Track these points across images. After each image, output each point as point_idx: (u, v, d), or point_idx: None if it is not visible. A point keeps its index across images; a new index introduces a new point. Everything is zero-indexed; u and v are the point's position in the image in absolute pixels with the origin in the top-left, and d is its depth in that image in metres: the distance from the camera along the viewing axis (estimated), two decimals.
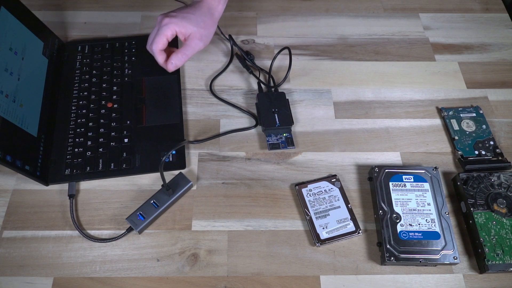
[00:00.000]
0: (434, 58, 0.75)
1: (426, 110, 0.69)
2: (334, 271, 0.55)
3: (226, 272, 0.55)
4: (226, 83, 0.72)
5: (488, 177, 0.59)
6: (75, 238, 0.57)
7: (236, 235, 0.57)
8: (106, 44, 0.74)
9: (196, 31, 0.61)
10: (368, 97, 0.70)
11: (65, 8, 0.81)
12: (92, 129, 0.65)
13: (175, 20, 0.59)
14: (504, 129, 0.67)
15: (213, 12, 0.63)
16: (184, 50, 0.62)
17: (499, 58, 0.76)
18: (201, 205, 0.60)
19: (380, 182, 0.59)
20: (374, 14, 0.82)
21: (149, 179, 0.62)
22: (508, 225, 0.55)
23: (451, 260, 0.53)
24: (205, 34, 0.62)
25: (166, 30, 0.59)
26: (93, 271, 0.54)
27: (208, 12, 0.62)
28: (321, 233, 0.56)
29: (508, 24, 0.81)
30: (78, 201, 0.60)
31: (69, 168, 0.61)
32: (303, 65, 0.74)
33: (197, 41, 0.61)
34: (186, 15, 0.60)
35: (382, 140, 0.66)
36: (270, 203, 0.60)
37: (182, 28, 0.60)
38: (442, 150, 0.65)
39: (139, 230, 0.56)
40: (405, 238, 0.55)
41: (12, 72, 0.59)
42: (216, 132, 0.66)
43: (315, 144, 0.65)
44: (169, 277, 0.54)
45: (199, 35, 0.61)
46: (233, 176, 0.62)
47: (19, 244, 0.56)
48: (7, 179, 0.61)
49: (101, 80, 0.70)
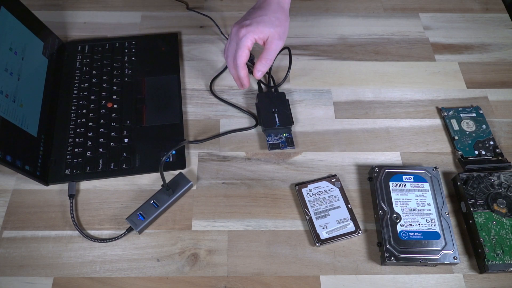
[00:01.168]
0: (434, 58, 0.75)
1: (426, 110, 0.69)
2: (334, 271, 0.55)
3: (226, 272, 0.55)
4: (226, 83, 0.72)
5: (488, 177, 0.59)
6: (75, 238, 0.57)
7: (236, 235, 0.57)
8: (106, 44, 0.74)
9: (273, 32, 0.59)
10: (368, 97, 0.70)
11: (65, 8, 0.81)
12: (92, 129, 0.65)
13: (251, 29, 0.58)
14: (504, 129, 0.67)
15: (283, 5, 0.61)
16: (266, 55, 0.60)
17: (499, 58, 0.76)
18: (201, 205, 0.60)
19: (380, 182, 0.59)
20: (374, 14, 0.82)
21: (149, 179, 0.62)
22: (508, 225, 0.55)
23: (451, 260, 0.53)
24: (282, 31, 0.60)
25: (246, 42, 0.58)
26: (93, 271, 0.54)
27: (278, 7, 0.60)
28: (321, 233, 0.56)
29: (508, 24, 0.81)
30: (78, 201, 0.60)
31: (69, 168, 0.61)
32: (303, 65, 0.74)
33: (276, 41, 0.60)
34: (260, 18, 0.58)
35: (382, 140, 0.66)
36: (270, 203, 0.60)
37: (260, 34, 0.58)
38: (442, 150, 0.65)
39: (139, 230, 0.56)
40: (405, 238, 0.55)
41: (12, 72, 0.59)
42: (216, 132, 0.66)
43: (315, 144, 0.65)
44: (169, 277, 0.54)
45: (277, 36, 0.59)
46: (233, 176, 0.62)
47: (19, 244, 0.56)
48: (7, 179, 0.61)
49: (101, 80, 0.70)
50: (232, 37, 0.60)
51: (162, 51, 0.74)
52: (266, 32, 0.59)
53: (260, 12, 0.60)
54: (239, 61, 0.59)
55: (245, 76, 0.62)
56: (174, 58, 0.73)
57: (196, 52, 0.75)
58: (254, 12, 0.60)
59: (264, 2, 0.61)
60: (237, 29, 0.59)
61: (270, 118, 0.65)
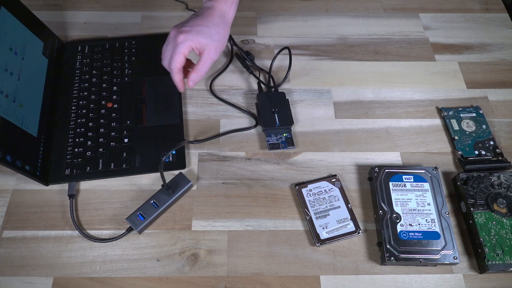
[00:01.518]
0: (434, 58, 0.75)
1: (426, 110, 0.69)
2: (334, 271, 0.55)
3: (226, 272, 0.55)
4: (226, 83, 0.72)
5: (488, 177, 0.59)
6: (75, 238, 0.57)
7: (236, 235, 0.57)
8: (106, 44, 0.74)
9: (210, 44, 0.59)
10: (368, 97, 0.70)
11: (65, 8, 0.81)
12: (92, 129, 0.65)
13: (190, 37, 0.58)
14: (504, 129, 0.67)
15: (226, 19, 0.62)
16: (201, 67, 0.61)
17: (499, 58, 0.76)
18: (201, 205, 0.60)
19: (380, 182, 0.59)
20: (374, 14, 0.82)
21: (149, 179, 0.62)
22: (508, 225, 0.55)
23: (451, 260, 0.53)
24: (220, 46, 0.61)
25: (182, 48, 0.58)
26: (93, 271, 0.54)
27: (220, 20, 0.61)
28: (321, 233, 0.56)
29: (508, 24, 0.81)
30: (78, 201, 0.60)
31: (69, 168, 0.61)
32: (303, 65, 0.74)
33: (212, 55, 0.60)
34: (200, 28, 0.59)
35: (382, 140, 0.66)
36: (270, 203, 0.60)
37: (197, 44, 0.58)
38: (442, 150, 0.65)
39: (139, 230, 0.56)
40: (405, 238, 0.55)
41: (12, 72, 0.59)
42: (216, 132, 0.66)
43: (315, 144, 0.65)
44: (169, 277, 0.54)
45: (213, 49, 0.60)
46: (233, 176, 0.62)
47: (19, 244, 0.56)
48: (7, 179, 0.61)
49: (101, 80, 0.70)
50: (169, 40, 0.60)
51: None
52: (203, 43, 0.59)
53: (202, 21, 0.59)
54: (173, 65, 0.59)
55: (179, 81, 0.62)
56: None
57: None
58: (196, 20, 0.60)
59: (207, 12, 0.61)
60: (175, 34, 0.59)
61: (270, 118, 0.65)
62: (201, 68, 0.61)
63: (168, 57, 0.60)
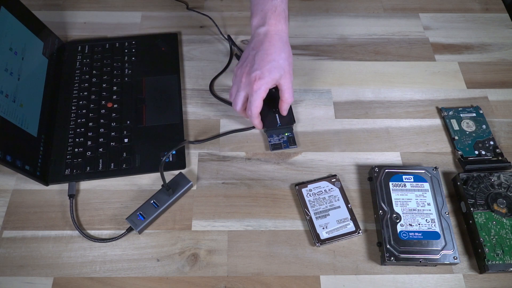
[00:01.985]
0: (434, 58, 0.75)
1: (426, 110, 0.69)
2: (334, 271, 0.55)
3: (226, 272, 0.55)
4: (226, 83, 0.72)
5: (488, 177, 0.59)
6: (75, 238, 0.57)
7: (236, 235, 0.57)
8: (106, 44, 0.74)
9: (283, 74, 0.58)
10: (368, 97, 0.70)
11: (65, 8, 0.81)
12: (92, 129, 0.65)
13: (264, 81, 0.57)
14: (504, 129, 0.67)
15: (284, 38, 0.59)
16: (287, 96, 0.61)
17: (499, 58, 0.76)
18: (201, 205, 0.60)
19: (380, 182, 0.59)
20: (374, 14, 0.82)
21: (149, 179, 0.62)
22: (508, 225, 0.55)
23: (451, 260, 0.53)
24: (291, 67, 0.60)
25: (261, 95, 0.58)
26: (93, 271, 0.54)
27: (281, 44, 0.58)
28: (321, 233, 0.56)
29: (508, 24, 0.81)
30: (78, 201, 0.60)
31: (69, 168, 0.61)
32: (303, 65, 0.74)
33: (289, 82, 0.59)
34: (269, 66, 0.57)
35: (382, 140, 0.66)
36: (270, 203, 0.60)
37: (273, 82, 0.58)
38: (442, 150, 0.65)
39: (139, 230, 0.56)
40: (405, 238, 0.55)
41: (12, 72, 0.59)
42: (216, 132, 0.66)
43: (315, 144, 0.65)
44: (169, 277, 0.54)
45: (288, 75, 0.59)
46: (233, 176, 0.62)
47: (19, 244, 0.56)
48: (7, 179, 0.61)
49: (101, 80, 0.70)
50: (241, 86, 0.59)
51: (162, 51, 0.74)
52: (278, 78, 0.58)
53: (266, 56, 0.57)
54: (254, 111, 0.59)
55: (259, 123, 0.63)
56: (174, 58, 0.73)
57: (196, 52, 0.75)
58: (261, 56, 0.57)
59: (266, 40, 0.58)
60: (247, 81, 0.58)
61: (271, 119, 0.65)
62: (288, 97, 0.61)
63: (241, 102, 0.60)
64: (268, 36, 0.58)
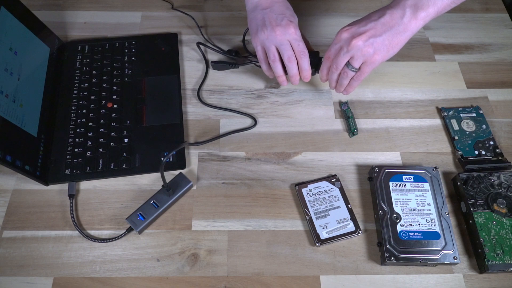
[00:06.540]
0: (434, 58, 0.75)
1: (426, 110, 0.69)
2: (334, 271, 0.55)
3: (226, 272, 0.55)
4: (226, 83, 0.72)
5: (488, 177, 0.59)
6: (75, 238, 0.57)
7: (236, 235, 0.57)
8: (106, 44, 0.74)
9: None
10: (368, 97, 0.70)
11: (65, 8, 0.81)
12: (92, 129, 0.65)
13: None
14: (504, 129, 0.67)
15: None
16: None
17: (499, 58, 0.76)
18: (201, 205, 0.60)
19: (380, 182, 0.59)
20: None
21: (149, 179, 0.62)
22: (508, 225, 0.55)
23: (451, 260, 0.53)
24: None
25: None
26: (93, 271, 0.54)
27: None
28: (321, 233, 0.56)
29: (508, 24, 0.81)
30: (78, 201, 0.60)
31: (69, 168, 0.61)
32: None
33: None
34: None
35: (382, 140, 0.66)
36: (270, 203, 0.60)
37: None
38: (442, 150, 0.65)
39: (139, 230, 0.56)
40: (405, 238, 0.55)
41: (12, 72, 0.59)
42: (216, 132, 0.66)
43: (315, 144, 0.65)
44: (169, 277, 0.54)
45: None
46: (233, 176, 0.62)
47: (19, 244, 0.56)
48: (7, 179, 0.61)
49: (101, 80, 0.70)
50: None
51: (162, 51, 0.74)
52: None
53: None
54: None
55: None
56: (174, 58, 0.73)
57: (196, 52, 0.75)
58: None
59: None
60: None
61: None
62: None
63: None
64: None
